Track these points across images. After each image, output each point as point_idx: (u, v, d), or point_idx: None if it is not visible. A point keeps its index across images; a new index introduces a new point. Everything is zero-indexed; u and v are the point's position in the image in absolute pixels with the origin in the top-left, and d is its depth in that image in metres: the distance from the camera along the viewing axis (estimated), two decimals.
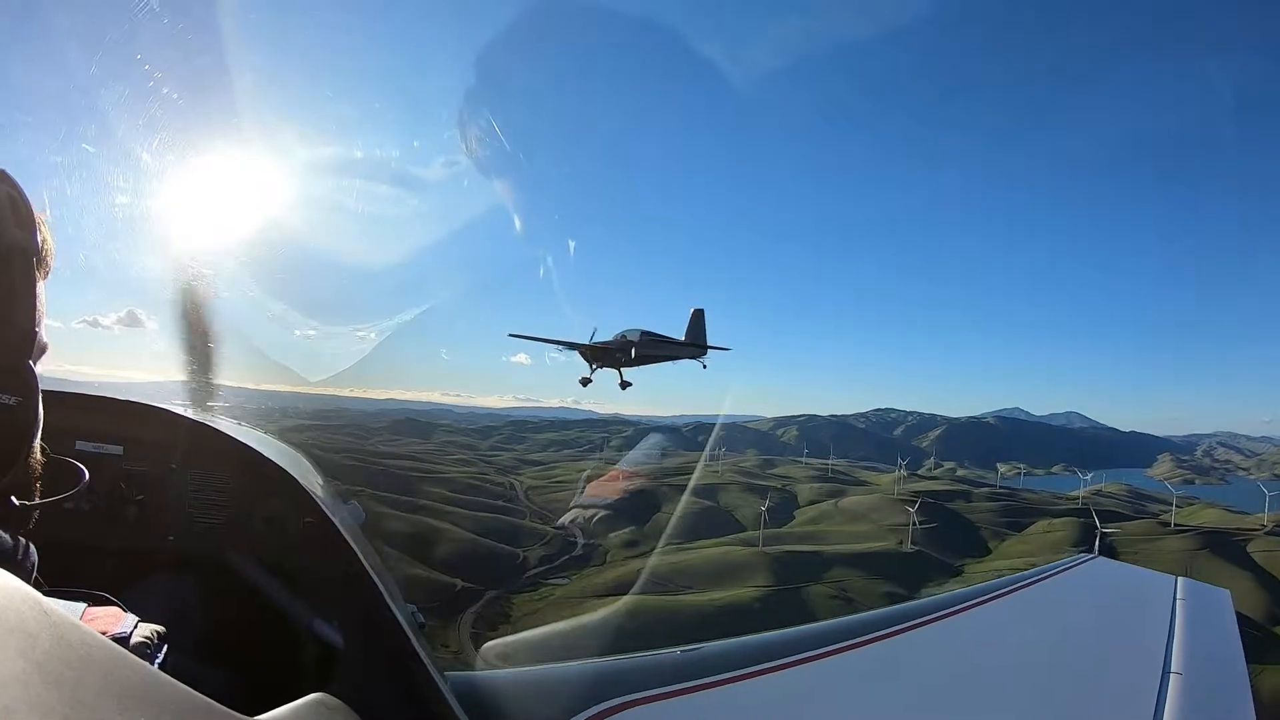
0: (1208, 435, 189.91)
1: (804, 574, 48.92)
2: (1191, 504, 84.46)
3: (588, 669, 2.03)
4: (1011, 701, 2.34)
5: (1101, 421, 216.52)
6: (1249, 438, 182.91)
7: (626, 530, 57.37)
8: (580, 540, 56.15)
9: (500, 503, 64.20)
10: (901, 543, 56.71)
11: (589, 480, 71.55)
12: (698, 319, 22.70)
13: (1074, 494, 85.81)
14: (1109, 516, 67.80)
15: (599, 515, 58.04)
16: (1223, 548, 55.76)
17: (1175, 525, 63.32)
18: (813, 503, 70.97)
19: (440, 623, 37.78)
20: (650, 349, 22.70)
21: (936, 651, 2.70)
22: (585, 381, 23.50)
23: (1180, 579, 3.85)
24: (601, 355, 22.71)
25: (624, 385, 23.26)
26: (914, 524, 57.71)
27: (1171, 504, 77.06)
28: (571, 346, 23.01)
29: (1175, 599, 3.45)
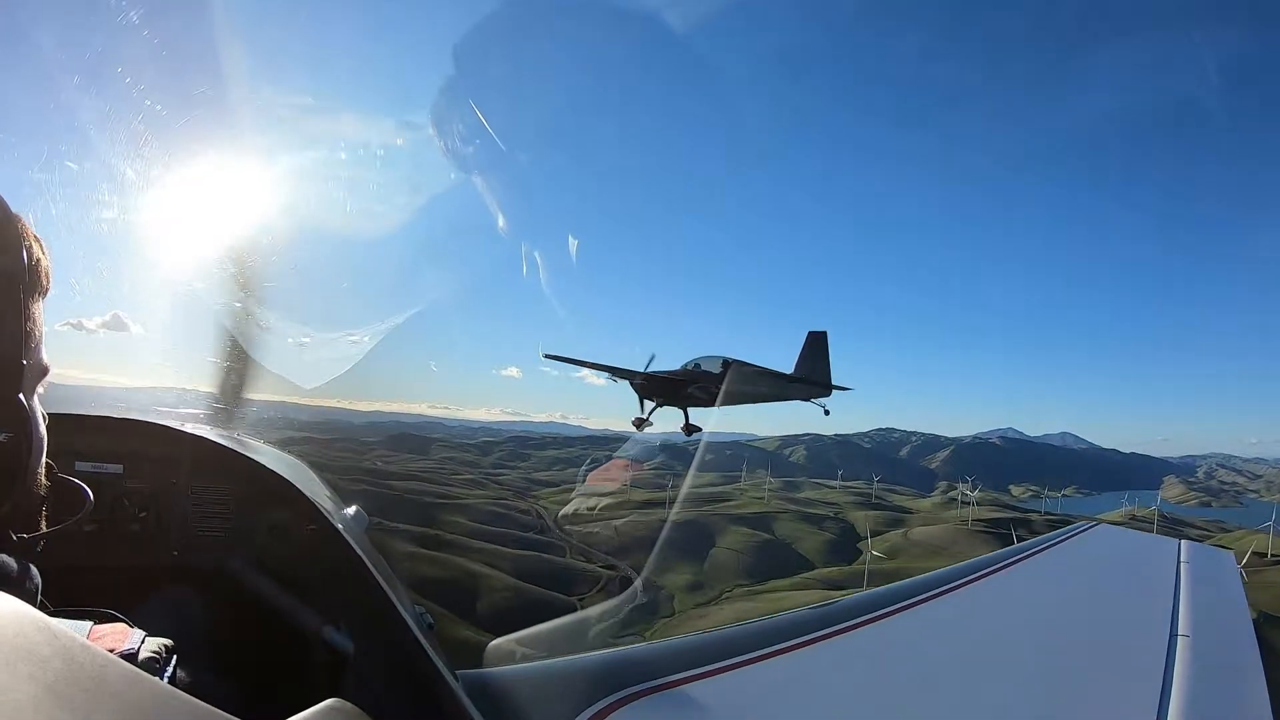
0: (1203, 457, 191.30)
1: None
2: (1227, 530, 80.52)
3: (598, 660, 2.02)
4: (1024, 666, 2.37)
5: (1095, 442, 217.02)
6: (1243, 459, 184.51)
7: (688, 571, 49.08)
8: (640, 585, 47.42)
9: (532, 535, 54.93)
10: None
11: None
12: (817, 346, 15.20)
13: (1109, 515, 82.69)
14: None
15: (601, 505, 51.96)
16: None
17: (1271, 555, 58.32)
18: (876, 534, 63.64)
19: None
20: (744, 383, 15.25)
21: (949, 622, 2.69)
22: (640, 424, 16.10)
23: (1184, 541, 4.02)
24: (666, 390, 15.57)
25: (689, 430, 15.81)
26: None
27: (1201, 528, 74.36)
28: (623, 375, 15.94)
29: (1180, 562, 3.55)
